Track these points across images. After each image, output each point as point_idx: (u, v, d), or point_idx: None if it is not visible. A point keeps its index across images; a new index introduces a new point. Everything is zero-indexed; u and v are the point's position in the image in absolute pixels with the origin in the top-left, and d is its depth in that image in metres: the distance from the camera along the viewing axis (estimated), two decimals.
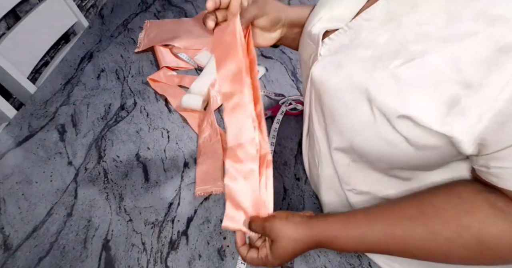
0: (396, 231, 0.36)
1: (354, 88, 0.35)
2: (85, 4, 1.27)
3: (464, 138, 0.30)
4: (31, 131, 0.74)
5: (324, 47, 0.40)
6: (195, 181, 0.62)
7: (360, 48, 0.36)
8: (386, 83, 0.33)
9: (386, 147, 0.35)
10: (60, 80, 0.86)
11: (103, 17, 1.08)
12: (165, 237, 0.56)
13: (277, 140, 0.68)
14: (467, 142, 0.30)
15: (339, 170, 0.46)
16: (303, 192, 0.59)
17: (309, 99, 0.45)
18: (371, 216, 0.39)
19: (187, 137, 0.71)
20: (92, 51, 0.95)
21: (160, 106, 0.78)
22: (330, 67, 0.39)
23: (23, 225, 0.58)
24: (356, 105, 0.35)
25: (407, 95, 0.31)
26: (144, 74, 0.86)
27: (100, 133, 0.73)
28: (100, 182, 0.64)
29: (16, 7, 0.95)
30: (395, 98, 0.32)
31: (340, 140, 0.41)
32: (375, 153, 0.37)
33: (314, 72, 0.41)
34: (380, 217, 0.38)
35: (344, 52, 0.38)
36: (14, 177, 0.65)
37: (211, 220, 0.57)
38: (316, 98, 0.43)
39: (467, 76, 0.29)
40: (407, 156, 0.35)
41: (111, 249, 0.55)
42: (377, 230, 0.37)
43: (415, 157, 0.34)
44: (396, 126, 0.32)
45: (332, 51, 0.40)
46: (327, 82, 0.39)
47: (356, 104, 0.35)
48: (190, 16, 1.06)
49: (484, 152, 0.31)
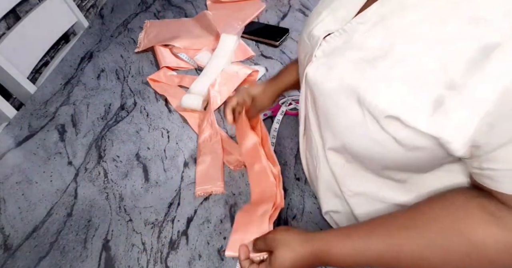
0: (395, 241, 0.36)
1: (345, 89, 0.36)
2: (85, 4, 1.27)
3: (453, 139, 0.30)
4: (31, 131, 0.74)
5: (320, 48, 0.41)
6: (195, 181, 0.62)
7: (351, 50, 0.37)
8: (375, 84, 0.33)
9: (376, 148, 0.35)
10: (60, 80, 0.86)
11: (103, 17, 1.08)
12: (165, 237, 0.56)
13: (277, 140, 0.68)
14: (457, 143, 0.30)
15: (335, 170, 0.47)
16: (303, 192, 0.59)
17: (305, 100, 0.46)
18: (370, 228, 0.39)
19: (187, 137, 0.71)
20: (92, 51, 0.95)
21: (160, 106, 0.78)
22: (323, 69, 0.40)
23: (23, 225, 0.58)
24: (347, 105, 0.36)
25: (394, 96, 0.32)
26: (144, 74, 0.86)
27: (100, 133, 0.73)
28: (100, 182, 0.64)
29: (16, 7, 0.95)
30: (384, 98, 0.33)
31: (334, 140, 0.42)
32: (366, 153, 0.38)
33: (308, 73, 0.42)
34: (379, 228, 0.38)
35: (337, 54, 0.39)
36: (14, 177, 0.65)
37: (211, 220, 0.57)
38: (311, 99, 0.44)
39: (453, 77, 0.29)
40: (397, 157, 0.35)
41: (111, 249, 0.55)
42: (377, 242, 0.37)
43: (405, 157, 0.34)
44: (384, 126, 0.33)
45: (326, 53, 0.41)
46: (320, 83, 0.40)
47: (347, 104, 0.36)
48: (190, 16, 1.06)
49: (477, 154, 0.31)
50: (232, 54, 0.86)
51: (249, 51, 0.90)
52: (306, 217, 0.56)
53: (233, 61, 0.86)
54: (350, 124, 0.37)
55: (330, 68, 0.39)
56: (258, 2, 1.07)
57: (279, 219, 0.56)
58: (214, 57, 0.85)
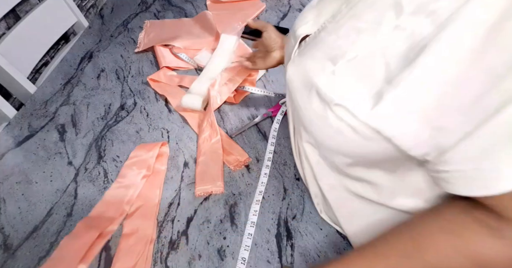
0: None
1: (308, 84, 0.40)
2: (85, 4, 1.27)
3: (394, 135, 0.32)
4: (31, 131, 0.74)
5: (298, 49, 0.45)
6: (195, 181, 0.62)
7: (315, 48, 0.41)
8: (329, 78, 0.37)
9: (339, 137, 0.37)
10: (60, 80, 0.86)
11: (103, 17, 1.08)
12: (165, 237, 0.56)
13: (277, 140, 0.68)
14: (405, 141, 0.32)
15: (313, 166, 0.50)
16: (303, 192, 0.59)
17: (288, 97, 0.50)
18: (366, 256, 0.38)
19: (187, 137, 0.71)
20: (92, 51, 0.95)
21: (160, 106, 0.78)
22: (295, 67, 0.44)
23: (23, 225, 0.58)
24: (310, 98, 0.40)
25: (342, 87, 0.36)
26: (144, 74, 0.86)
27: (100, 133, 0.73)
28: (100, 182, 0.64)
29: (16, 7, 0.95)
30: (334, 89, 0.36)
31: (306, 134, 0.47)
32: (331, 144, 0.40)
33: (287, 71, 0.45)
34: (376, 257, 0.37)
35: (307, 54, 0.42)
36: (14, 177, 0.65)
37: (211, 220, 0.57)
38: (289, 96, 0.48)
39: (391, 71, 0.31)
40: (357, 146, 0.37)
41: (111, 249, 0.55)
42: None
43: (366, 147, 0.36)
44: (336, 113, 0.36)
45: (301, 52, 0.44)
46: (293, 81, 0.44)
47: (310, 97, 0.39)
48: (190, 16, 1.06)
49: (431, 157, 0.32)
50: (232, 54, 0.86)
51: (249, 51, 0.90)
52: (306, 217, 0.56)
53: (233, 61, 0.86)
54: (314, 116, 0.40)
55: (299, 64, 0.43)
56: (258, 2, 1.08)
57: (279, 219, 0.56)
58: (214, 57, 0.85)
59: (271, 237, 0.54)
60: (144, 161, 0.65)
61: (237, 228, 0.56)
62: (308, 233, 0.54)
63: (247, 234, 0.54)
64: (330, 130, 0.38)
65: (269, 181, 0.61)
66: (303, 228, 0.55)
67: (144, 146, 0.68)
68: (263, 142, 0.68)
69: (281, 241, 0.54)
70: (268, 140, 0.67)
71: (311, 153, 0.50)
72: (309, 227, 0.55)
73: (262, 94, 0.78)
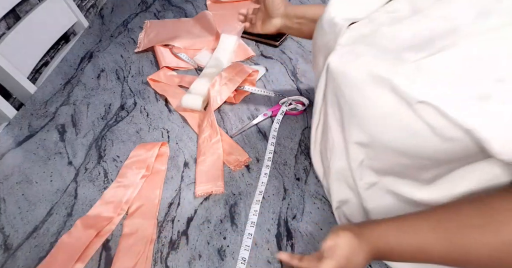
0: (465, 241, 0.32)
1: (375, 79, 0.35)
2: (85, 4, 1.27)
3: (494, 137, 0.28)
4: (31, 131, 0.74)
5: (344, 36, 0.40)
6: (195, 181, 0.62)
7: (382, 40, 0.36)
8: (410, 74, 0.33)
9: (410, 139, 0.34)
10: (60, 80, 0.86)
11: (103, 17, 1.08)
12: (165, 237, 0.56)
13: (277, 140, 0.68)
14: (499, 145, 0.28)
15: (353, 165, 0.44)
16: (303, 192, 0.59)
17: (323, 91, 0.44)
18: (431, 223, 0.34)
19: (187, 137, 0.71)
20: (92, 51, 0.95)
21: (160, 106, 0.78)
22: (348, 58, 0.38)
23: (23, 225, 0.58)
24: (377, 95, 0.35)
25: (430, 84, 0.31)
26: (144, 74, 0.86)
27: (100, 133, 0.73)
28: (100, 182, 0.64)
29: (16, 7, 0.95)
30: (419, 86, 0.32)
31: (359, 133, 0.40)
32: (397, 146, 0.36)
33: (332, 62, 0.40)
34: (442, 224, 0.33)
35: (364, 43, 0.38)
36: (14, 177, 0.65)
37: (211, 220, 0.57)
38: (333, 90, 0.42)
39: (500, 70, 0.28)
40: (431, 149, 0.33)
41: (111, 249, 0.55)
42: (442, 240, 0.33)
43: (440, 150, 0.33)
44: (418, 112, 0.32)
45: (350, 42, 0.39)
46: (347, 72, 0.38)
47: (378, 94, 0.35)
48: (190, 16, 1.06)
49: None
50: (232, 54, 0.86)
51: (249, 51, 0.90)
52: (306, 217, 0.56)
53: (233, 61, 0.86)
54: (380, 115, 0.35)
55: (357, 56, 0.37)
56: None
57: (279, 219, 0.56)
58: (214, 57, 0.85)
59: (271, 237, 0.54)
60: (143, 160, 0.65)
61: (237, 228, 0.56)
62: (308, 233, 0.54)
63: (247, 234, 0.54)
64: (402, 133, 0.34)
65: (269, 181, 0.61)
66: (303, 228, 0.55)
67: (144, 146, 0.68)
68: (263, 142, 0.68)
69: (281, 241, 0.54)
70: (268, 140, 0.67)
71: (355, 154, 0.43)
72: (309, 227, 0.55)
73: (262, 94, 0.78)
